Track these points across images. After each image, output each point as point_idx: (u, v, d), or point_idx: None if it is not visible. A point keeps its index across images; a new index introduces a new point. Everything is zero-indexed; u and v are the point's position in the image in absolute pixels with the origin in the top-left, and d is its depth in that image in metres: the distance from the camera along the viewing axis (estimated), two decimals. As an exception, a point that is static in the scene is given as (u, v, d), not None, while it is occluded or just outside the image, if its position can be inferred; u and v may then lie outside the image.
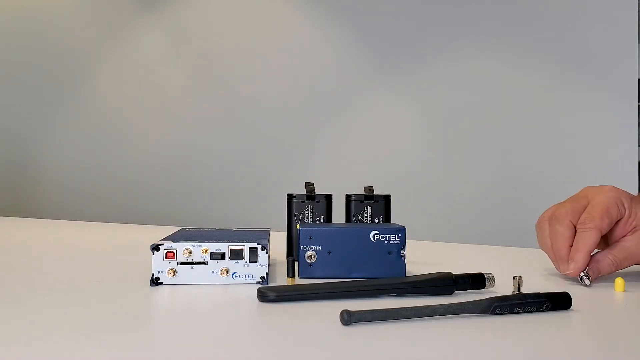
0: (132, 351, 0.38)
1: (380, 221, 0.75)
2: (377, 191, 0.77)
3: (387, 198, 0.76)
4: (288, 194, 0.74)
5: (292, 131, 2.17)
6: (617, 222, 0.61)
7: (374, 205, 0.75)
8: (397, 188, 2.24)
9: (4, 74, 2.60)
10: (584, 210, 0.61)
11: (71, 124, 2.51)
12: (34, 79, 2.56)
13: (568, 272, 0.59)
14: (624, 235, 0.61)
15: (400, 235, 0.60)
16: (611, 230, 0.61)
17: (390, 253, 0.60)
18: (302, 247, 0.60)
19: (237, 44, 2.30)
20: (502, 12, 1.97)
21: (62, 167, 2.51)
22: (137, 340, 0.40)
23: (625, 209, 0.60)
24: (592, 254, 0.60)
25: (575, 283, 0.60)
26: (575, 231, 0.60)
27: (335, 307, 0.44)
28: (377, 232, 0.61)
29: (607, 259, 0.60)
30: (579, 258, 0.58)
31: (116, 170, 2.43)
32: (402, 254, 0.61)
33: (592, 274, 0.59)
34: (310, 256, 0.60)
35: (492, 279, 0.54)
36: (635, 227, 0.61)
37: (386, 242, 0.60)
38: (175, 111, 2.38)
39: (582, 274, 0.58)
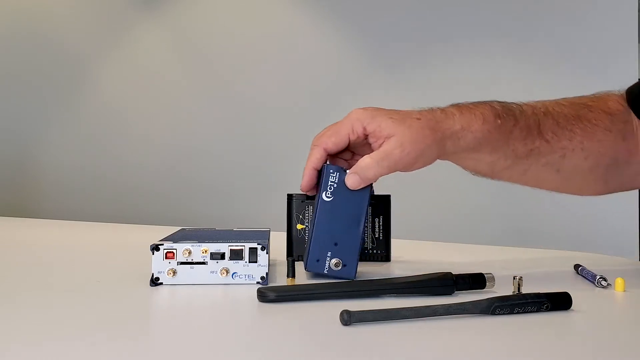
0: (132, 351, 0.38)
1: (380, 221, 0.75)
2: (377, 191, 0.77)
3: (387, 198, 0.76)
4: (288, 194, 0.74)
5: (292, 131, 2.17)
6: (366, 138, 0.63)
7: (374, 205, 0.75)
8: (397, 188, 2.24)
9: (4, 74, 2.60)
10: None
11: (71, 124, 2.51)
12: (34, 79, 2.56)
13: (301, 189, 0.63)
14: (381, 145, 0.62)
15: None
16: (369, 148, 0.63)
17: None
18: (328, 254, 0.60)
19: (238, 44, 2.30)
20: (502, 12, 1.97)
21: (62, 167, 2.51)
22: (137, 340, 0.40)
23: (362, 127, 0.62)
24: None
25: (576, 283, 0.60)
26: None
27: (335, 307, 0.44)
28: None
29: (365, 159, 0.61)
30: (304, 174, 0.63)
31: (116, 170, 2.43)
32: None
33: (358, 178, 0.60)
34: (337, 263, 0.60)
35: (492, 279, 0.54)
36: (386, 136, 0.61)
37: None
38: (176, 111, 2.38)
39: (598, 276, 0.58)
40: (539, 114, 0.67)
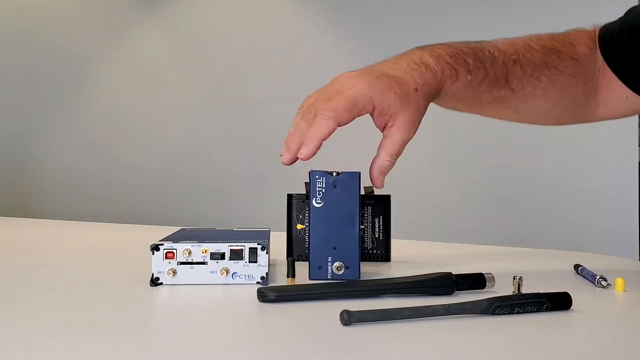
0: (132, 351, 0.38)
1: (380, 221, 0.75)
2: (377, 191, 0.77)
3: (387, 198, 0.76)
4: (288, 194, 0.74)
5: (292, 131, 2.16)
6: (372, 115, 0.61)
7: (374, 205, 0.75)
8: (397, 188, 2.24)
9: (3, 74, 2.60)
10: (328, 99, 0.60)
11: (71, 124, 2.51)
12: (34, 79, 2.56)
13: (300, 157, 0.59)
14: (384, 127, 0.62)
15: None
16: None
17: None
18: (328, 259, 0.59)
19: (238, 44, 2.30)
20: (502, 13, 1.97)
21: (62, 167, 2.51)
22: (137, 340, 0.40)
23: (373, 105, 0.60)
24: None
25: (576, 283, 0.60)
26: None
27: (335, 307, 0.44)
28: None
29: (383, 160, 0.61)
30: (311, 144, 0.58)
31: (116, 170, 2.43)
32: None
33: (379, 176, 0.61)
34: (339, 267, 0.59)
35: (492, 279, 0.54)
36: (392, 114, 0.61)
37: None
38: (176, 111, 2.38)
39: (598, 276, 0.58)
40: (508, 62, 0.68)
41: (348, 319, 0.42)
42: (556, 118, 0.76)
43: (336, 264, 0.59)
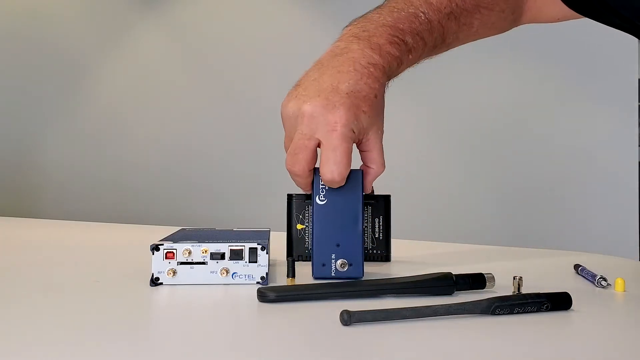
0: (132, 351, 0.38)
1: (380, 221, 0.75)
2: (377, 191, 0.77)
3: (387, 198, 0.76)
4: (288, 194, 0.74)
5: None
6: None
7: (373, 205, 0.75)
8: (397, 188, 2.23)
9: (3, 74, 2.60)
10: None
11: (71, 124, 2.51)
12: (33, 79, 2.56)
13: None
14: (358, 144, 0.61)
15: None
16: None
17: None
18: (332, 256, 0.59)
19: (238, 44, 2.30)
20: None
21: (62, 167, 2.51)
22: (137, 340, 0.40)
23: (358, 139, 0.59)
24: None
25: (576, 283, 0.60)
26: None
27: (335, 307, 0.44)
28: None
29: (372, 172, 0.62)
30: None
31: (116, 170, 2.43)
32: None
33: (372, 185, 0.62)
34: (343, 264, 0.59)
35: (492, 279, 0.54)
36: (365, 135, 0.60)
37: None
38: (176, 111, 2.38)
39: (598, 276, 0.58)
40: (443, 20, 0.66)
41: (348, 319, 0.42)
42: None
43: (340, 261, 0.59)
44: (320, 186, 0.60)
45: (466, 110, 2.01)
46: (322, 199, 0.60)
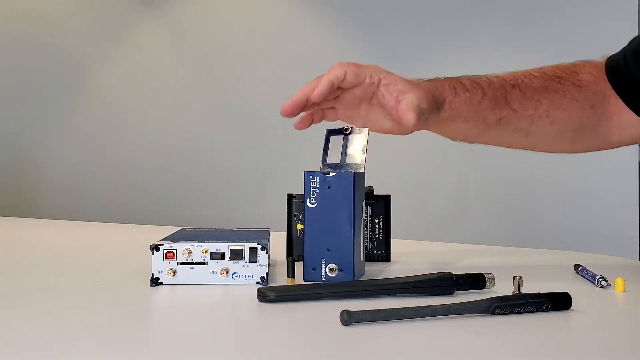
0: (132, 351, 0.38)
1: (380, 221, 0.75)
2: (377, 191, 0.77)
3: (387, 198, 0.76)
4: (288, 194, 0.74)
5: (292, 131, 2.16)
6: (378, 88, 0.66)
7: (374, 205, 0.75)
8: (397, 188, 2.23)
9: (3, 74, 2.60)
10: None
11: (71, 124, 2.51)
12: (33, 79, 2.56)
13: (313, 98, 0.66)
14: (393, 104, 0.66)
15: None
16: (374, 99, 0.68)
17: None
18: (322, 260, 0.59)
19: (238, 44, 2.30)
20: (502, 13, 1.97)
21: (62, 167, 2.51)
22: (137, 340, 0.40)
23: (379, 78, 0.66)
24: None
25: (576, 283, 0.60)
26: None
27: (335, 307, 0.44)
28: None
29: (410, 97, 0.65)
30: (312, 84, 0.67)
31: (116, 170, 2.43)
32: None
33: (413, 114, 0.64)
34: (332, 269, 0.59)
35: (492, 279, 0.54)
36: (400, 91, 0.66)
37: None
38: (176, 111, 2.38)
39: (598, 276, 0.58)
40: (506, 86, 0.72)
41: (348, 319, 0.42)
42: (569, 143, 0.76)
43: (330, 265, 0.59)
44: (311, 189, 0.60)
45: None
46: (313, 202, 0.60)
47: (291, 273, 0.58)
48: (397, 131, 0.70)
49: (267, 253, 0.57)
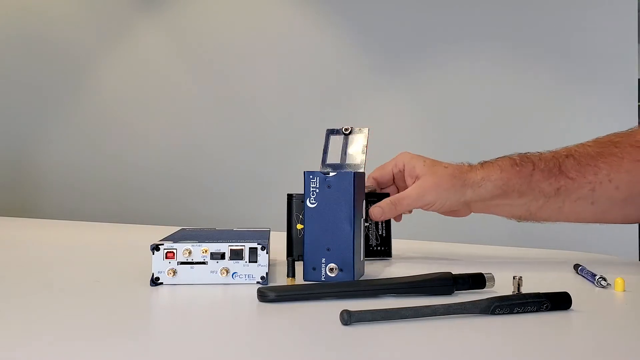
0: (132, 351, 0.38)
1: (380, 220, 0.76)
2: (377, 191, 0.77)
3: (386, 196, 0.76)
4: (288, 194, 0.74)
5: (292, 131, 2.17)
6: (402, 173, 0.75)
7: (373, 203, 0.75)
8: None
9: (3, 74, 2.60)
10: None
11: (71, 124, 2.51)
12: (33, 79, 2.56)
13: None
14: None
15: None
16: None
17: None
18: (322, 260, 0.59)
19: (238, 44, 2.30)
20: (502, 13, 1.97)
21: (62, 167, 2.51)
22: (137, 340, 0.40)
23: (402, 164, 0.75)
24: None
25: (576, 283, 0.60)
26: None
27: (335, 307, 0.44)
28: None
29: (386, 199, 0.72)
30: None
31: (116, 170, 2.43)
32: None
33: (381, 210, 0.71)
34: (332, 269, 0.59)
35: (492, 279, 0.54)
36: (416, 176, 0.73)
37: None
38: (176, 111, 2.38)
39: (598, 276, 0.58)
40: (559, 157, 0.72)
41: (348, 319, 0.42)
42: (638, 210, 0.73)
43: (330, 265, 0.59)
44: (311, 189, 0.60)
45: (467, 110, 2.01)
46: (313, 202, 0.60)
47: (291, 273, 0.58)
48: (457, 214, 0.76)
49: (267, 253, 0.57)
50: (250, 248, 0.56)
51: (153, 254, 0.55)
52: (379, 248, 0.76)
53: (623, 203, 0.72)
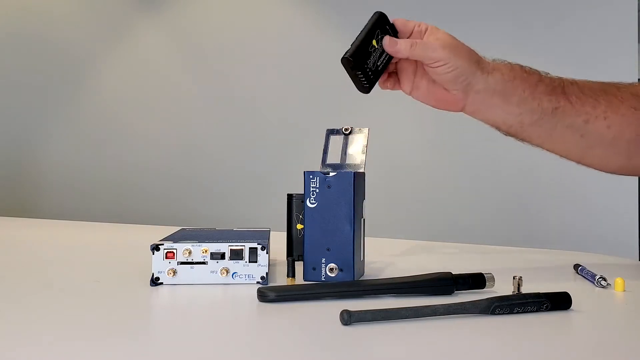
0: (132, 351, 0.38)
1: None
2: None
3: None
4: (288, 194, 0.74)
5: (292, 131, 2.17)
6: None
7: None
8: (396, 188, 2.24)
9: (4, 74, 2.60)
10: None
11: (71, 124, 2.51)
12: (34, 79, 2.56)
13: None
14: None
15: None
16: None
17: None
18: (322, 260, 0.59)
19: (238, 44, 2.30)
20: (501, 13, 1.97)
21: (62, 167, 2.51)
22: (137, 340, 0.40)
23: (426, 27, 0.73)
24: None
25: (576, 283, 0.60)
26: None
27: (335, 307, 0.44)
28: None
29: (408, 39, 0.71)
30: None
31: (116, 170, 2.43)
32: None
33: (398, 46, 0.71)
34: (332, 269, 0.59)
35: (492, 279, 0.54)
36: (436, 38, 0.70)
37: None
38: (176, 111, 2.38)
39: (598, 276, 0.58)
40: (565, 80, 0.72)
41: (348, 319, 0.42)
42: (623, 155, 0.73)
43: (330, 265, 0.59)
44: (311, 189, 0.60)
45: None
46: (313, 202, 0.60)
47: (291, 273, 0.58)
48: (451, 100, 0.72)
49: (267, 253, 0.57)
50: (250, 248, 0.57)
51: (153, 254, 0.55)
52: (370, 76, 0.74)
53: (609, 144, 0.72)
